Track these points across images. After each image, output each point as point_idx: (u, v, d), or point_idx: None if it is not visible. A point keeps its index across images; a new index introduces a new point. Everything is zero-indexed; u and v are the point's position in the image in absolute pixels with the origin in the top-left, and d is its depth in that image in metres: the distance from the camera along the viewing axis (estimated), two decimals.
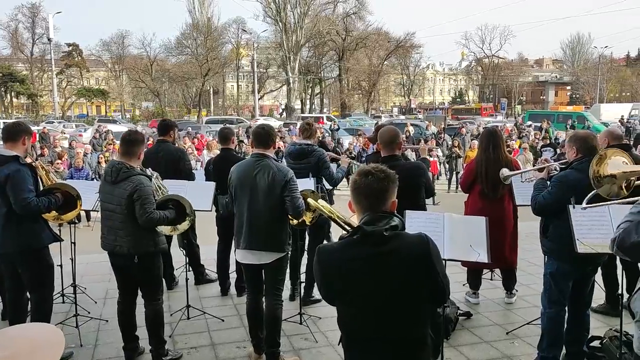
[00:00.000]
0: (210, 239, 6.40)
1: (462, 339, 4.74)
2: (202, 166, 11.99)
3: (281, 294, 4.29)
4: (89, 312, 5.23)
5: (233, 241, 4.42)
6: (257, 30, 62.00)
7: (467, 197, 5.51)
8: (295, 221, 4.35)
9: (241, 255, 4.19)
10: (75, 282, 5.28)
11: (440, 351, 3.78)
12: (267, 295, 4.23)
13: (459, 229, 3.79)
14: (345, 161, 5.99)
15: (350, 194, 2.30)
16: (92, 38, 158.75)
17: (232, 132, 6.27)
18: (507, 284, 5.64)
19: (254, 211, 4.05)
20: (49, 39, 51.69)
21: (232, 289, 5.92)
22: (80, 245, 5.40)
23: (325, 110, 64.24)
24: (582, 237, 3.58)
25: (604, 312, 5.17)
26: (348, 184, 11.86)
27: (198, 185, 5.56)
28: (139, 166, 4.19)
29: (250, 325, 4.32)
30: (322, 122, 33.26)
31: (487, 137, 5.36)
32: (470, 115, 50.12)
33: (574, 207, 3.69)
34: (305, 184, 4.84)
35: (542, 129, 21.93)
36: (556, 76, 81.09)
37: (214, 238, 6.06)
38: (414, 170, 4.59)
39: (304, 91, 65.63)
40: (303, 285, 5.48)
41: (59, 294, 5.38)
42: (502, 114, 56.26)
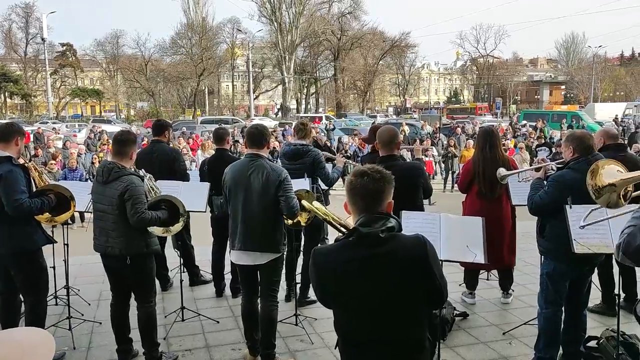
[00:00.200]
0: (204, 240, 6.36)
1: (458, 340, 4.72)
2: (197, 167, 11.94)
3: (277, 295, 4.26)
4: (83, 314, 5.19)
5: (228, 242, 4.38)
6: (252, 30, 62.13)
7: (464, 197, 5.48)
8: (290, 221, 4.32)
9: (236, 256, 4.16)
10: (68, 284, 5.24)
11: (437, 352, 3.76)
12: (263, 296, 4.20)
13: (456, 229, 3.76)
14: (340, 161, 5.96)
15: (346, 195, 2.26)
16: (86, 38, 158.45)
17: (227, 132, 6.23)
18: (504, 284, 5.62)
19: (248, 212, 4.01)
20: (42, 39, 51.48)
21: (227, 290, 5.88)
22: (74, 246, 5.36)
23: (320, 110, 64.23)
24: (579, 237, 3.56)
25: (601, 312, 5.17)
26: (344, 184, 11.81)
27: (192, 185, 5.51)
28: (132, 166, 4.15)
29: (246, 327, 4.29)
30: (318, 122, 33.21)
31: (483, 136, 5.32)
32: (465, 114, 50.19)
33: (570, 207, 3.68)
34: (301, 184, 4.81)
35: (537, 128, 21.97)
36: (550, 76, 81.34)
37: (209, 239, 6.01)
38: (412, 170, 4.56)
39: (300, 91, 65.59)
40: (299, 286, 5.45)
41: (52, 296, 5.32)
42: (495, 113, 56.26)
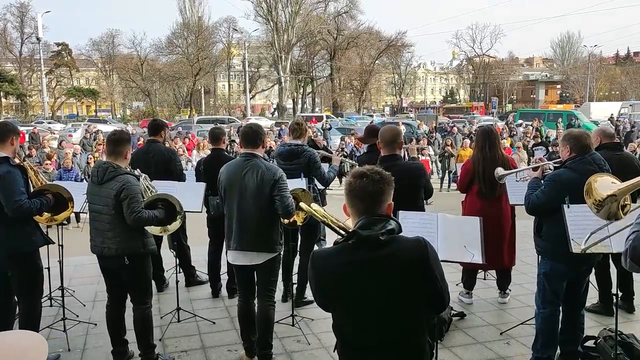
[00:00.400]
0: (201, 240, 6.33)
1: (455, 340, 4.70)
2: (193, 167, 11.89)
3: (274, 295, 4.23)
4: (78, 316, 5.15)
5: (224, 242, 4.36)
6: (248, 30, 62.11)
7: (462, 196, 5.46)
8: (287, 221, 4.29)
9: (232, 257, 4.13)
10: (63, 285, 5.20)
11: (434, 353, 3.74)
12: (260, 296, 4.17)
13: (453, 229, 3.74)
14: (336, 159, 5.93)
15: (345, 197, 2.22)
16: (82, 38, 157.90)
17: (223, 132, 6.20)
18: (502, 284, 5.61)
19: (243, 211, 3.99)
20: (37, 39, 51.35)
21: (224, 291, 5.84)
22: (69, 247, 5.32)
23: (317, 109, 64.20)
24: (577, 237, 3.54)
25: (598, 311, 5.16)
26: (340, 184, 11.86)
27: (188, 185, 5.48)
28: (127, 166, 4.12)
29: (242, 327, 4.26)
30: (314, 122, 33.19)
31: (483, 136, 5.28)
32: (461, 114, 50.26)
33: (568, 207, 3.66)
34: (297, 184, 4.78)
35: (533, 127, 21.99)
36: (546, 75, 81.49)
37: (205, 239, 5.98)
38: (415, 170, 4.53)
39: (296, 90, 65.57)
40: (295, 286, 5.42)
41: (46, 297, 5.28)
42: (492, 112, 56.32)
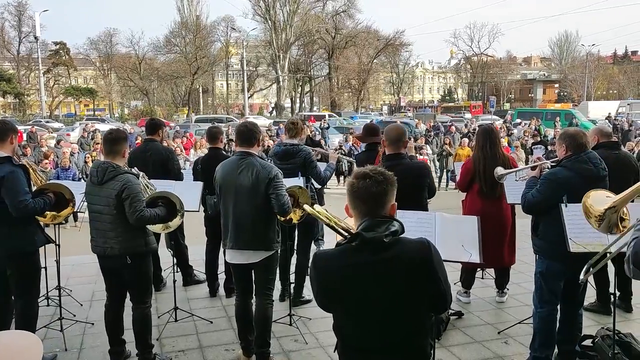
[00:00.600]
0: (198, 240, 6.32)
1: (453, 339, 4.70)
2: (190, 164, 11.87)
3: (272, 294, 4.22)
4: (75, 315, 5.13)
5: (221, 241, 4.34)
6: (247, 29, 61.44)
7: (463, 196, 5.43)
8: (283, 218, 4.28)
9: (229, 255, 4.13)
10: (60, 284, 5.18)
11: (432, 353, 3.73)
12: (258, 295, 4.16)
13: (451, 228, 3.73)
14: (333, 157, 5.91)
15: (347, 198, 2.18)
16: (80, 36, 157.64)
17: (221, 131, 6.18)
18: (500, 283, 5.60)
19: (239, 210, 3.97)
20: (35, 38, 51.12)
21: (221, 290, 5.83)
22: (67, 246, 5.31)
23: (315, 108, 64.18)
24: (575, 236, 3.54)
25: (595, 310, 5.15)
26: (338, 182, 11.84)
27: (185, 184, 5.47)
28: (125, 165, 4.10)
29: (239, 327, 4.25)
30: (312, 121, 33.19)
31: (483, 135, 5.24)
32: (459, 113, 50.26)
33: (566, 206, 3.66)
34: (294, 182, 4.77)
35: (531, 126, 21.99)
36: (544, 74, 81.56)
37: (202, 238, 5.97)
38: (419, 170, 4.52)
39: (294, 89, 65.58)
40: (293, 285, 5.41)
41: (43, 297, 5.25)
42: (490, 111, 56.35)
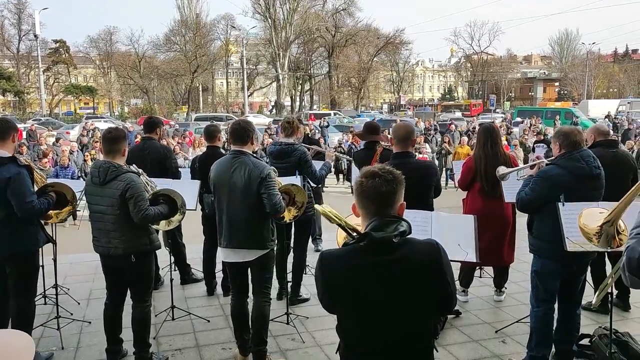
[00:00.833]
0: (196, 238, 6.31)
1: (450, 338, 4.69)
2: (188, 161, 11.87)
3: (269, 292, 4.22)
4: (72, 314, 5.13)
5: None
6: (246, 27, 61.40)
7: (461, 194, 5.42)
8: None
9: (224, 254, 4.12)
10: (57, 282, 5.17)
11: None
12: (255, 293, 4.16)
13: (448, 227, 3.72)
14: (330, 155, 5.89)
15: (355, 197, 2.15)
16: (80, 35, 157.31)
17: (218, 130, 6.16)
18: (499, 281, 5.59)
19: (232, 209, 3.96)
20: (35, 36, 51.02)
21: (219, 289, 5.83)
22: (65, 244, 5.30)
23: (315, 107, 64.15)
24: (572, 235, 3.52)
25: (593, 309, 5.14)
26: (337, 181, 11.83)
27: (182, 183, 5.45)
28: (124, 163, 4.09)
29: (235, 326, 4.24)
30: (312, 119, 33.20)
31: (484, 133, 5.20)
32: (459, 111, 50.27)
33: (563, 205, 3.64)
34: (291, 181, 4.76)
35: (532, 125, 21.98)
36: (544, 72, 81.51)
37: (200, 237, 5.96)
38: (427, 169, 4.51)
39: (294, 88, 65.52)
40: (290, 284, 5.40)
41: (40, 295, 5.24)
42: (489, 110, 56.30)
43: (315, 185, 5.56)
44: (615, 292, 4.74)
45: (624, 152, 5.71)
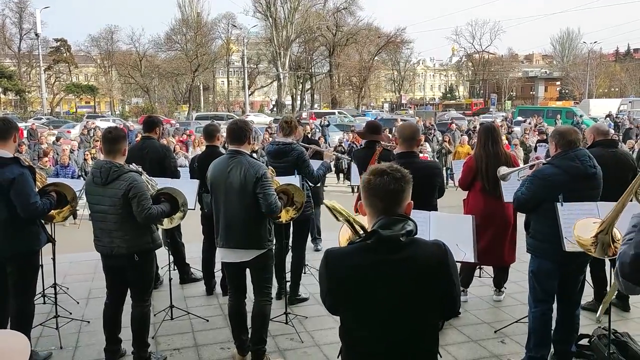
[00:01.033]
0: (195, 238, 6.31)
1: (449, 338, 4.68)
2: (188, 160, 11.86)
3: (270, 292, 4.21)
4: (71, 313, 5.13)
5: None
6: (247, 26, 61.44)
7: (465, 194, 5.40)
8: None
9: (221, 254, 4.12)
10: (56, 282, 5.17)
11: None
12: (256, 294, 4.16)
13: (446, 227, 3.71)
14: (328, 155, 5.88)
15: (362, 195, 2.12)
16: (81, 34, 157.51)
17: (218, 129, 6.14)
18: (498, 281, 5.58)
19: (229, 209, 3.96)
20: (36, 35, 51.11)
21: (218, 289, 5.82)
22: (65, 244, 5.29)
23: (316, 106, 64.14)
24: (570, 235, 3.51)
25: (592, 309, 5.12)
26: (338, 180, 11.81)
27: (181, 182, 5.44)
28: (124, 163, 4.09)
29: (233, 326, 4.23)
30: (313, 118, 33.20)
31: (485, 133, 5.19)
32: (460, 110, 50.25)
33: (562, 205, 3.64)
34: (290, 181, 4.75)
35: (533, 124, 21.97)
36: (546, 72, 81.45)
37: (199, 237, 5.96)
38: (431, 169, 4.50)
39: (295, 87, 65.55)
40: (289, 284, 5.40)
41: (40, 295, 5.25)
42: (488, 108, 56.26)
43: (313, 185, 5.56)
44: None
45: (624, 151, 5.69)
